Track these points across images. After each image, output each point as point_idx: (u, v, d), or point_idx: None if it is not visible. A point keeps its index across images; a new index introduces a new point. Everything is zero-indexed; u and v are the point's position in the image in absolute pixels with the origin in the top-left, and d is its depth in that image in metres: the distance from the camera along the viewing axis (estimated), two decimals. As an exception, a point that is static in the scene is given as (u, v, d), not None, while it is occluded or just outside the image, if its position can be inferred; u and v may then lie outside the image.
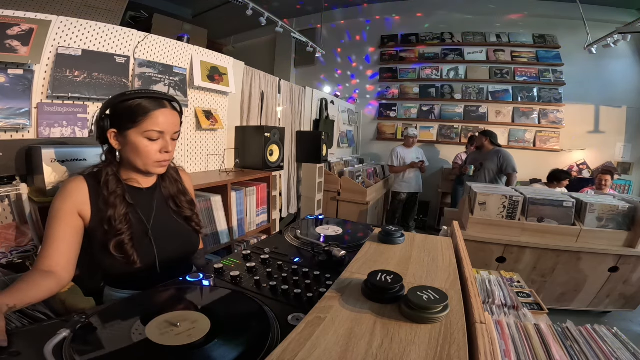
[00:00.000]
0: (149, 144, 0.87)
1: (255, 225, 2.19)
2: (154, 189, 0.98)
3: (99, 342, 0.54)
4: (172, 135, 0.91)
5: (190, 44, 2.09)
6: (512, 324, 0.73)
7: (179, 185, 1.04)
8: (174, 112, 0.91)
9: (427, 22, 4.94)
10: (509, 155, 3.30)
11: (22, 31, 1.32)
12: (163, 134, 0.88)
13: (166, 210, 0.99)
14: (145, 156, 0.88)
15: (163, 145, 0.89)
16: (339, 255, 0.86)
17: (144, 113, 0.85)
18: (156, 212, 0.95)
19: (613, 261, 2.14)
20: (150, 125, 0.85)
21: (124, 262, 0.85)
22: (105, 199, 0.85)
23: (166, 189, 1.00)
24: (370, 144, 5.42)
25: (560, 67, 4.34)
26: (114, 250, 0.83)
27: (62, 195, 0.84)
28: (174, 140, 0.92)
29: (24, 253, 1.15)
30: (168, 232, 0.96)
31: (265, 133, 2.26)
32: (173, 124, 0.90)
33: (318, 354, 0.40)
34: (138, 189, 0.94)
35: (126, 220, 0.86)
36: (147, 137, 0.86)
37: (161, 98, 0.89)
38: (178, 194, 1.02)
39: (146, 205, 0.94)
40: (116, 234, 0.84)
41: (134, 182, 0.94)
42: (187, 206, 1.02)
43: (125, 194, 0.89)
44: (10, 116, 1.29)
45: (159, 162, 0.90)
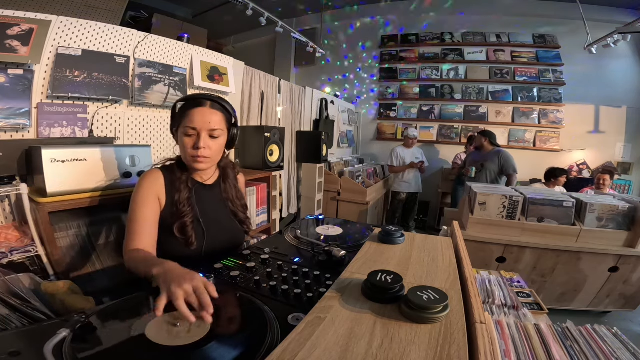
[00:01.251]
0: (187, 139, 0.96)
1: (255, 225, 2.19)
2: (214, 186, 1.09)
3: (99, 342, 0.54)
4: (210, 132, 0.96)
5: (190, 44, 2.09)
6: (512, 324, 0.73)
7: (237, 190, 1.14)
8: (214, 110, 0.97)
9: (427, 22, 4.94)
10: (509, 155, 3.30)
11: (22, 31, 1.32)
12: (196, 130, 0.95)
13: (223, 208, 1.09)
14: (183, 151, 0.98)
15: (196, 140, 0.95)
16: (339, 255, 0.86)
17: (184, 111, 0.96)
18: (212, 206, 1.05)
19: (613, 261, 2.13)
20: (186, 122, 0.95)
21: (182, 244, 0.95)
22: (177, 188, 0.98)
23: (226, 192, 1.10)
24: (370, 144, 5.42)
25: (560, 67, 4.34)
26: (177, 232, 0.94)
27: (144, 183, 0.96)
28: (214, 138, 0.98)
29: (24, 253, 1.15)
30: (220, 226, 1.05)
31: (265, 133, 2.26)
32: (207, 121, 0.95)
33: (318, 354, 0.40)
34: (201, 183, 1.05)
35: (189, 203, 0.98)
36: (184, 133, 0.95)
37: (202, 98, 0.97)
38: (235, 198, 1.11)
39: (205, 198, 1.04)
40: (180, 216, 0.95)
41: (197, 176, 1.05)
42: (241, 210, 1.13)
43: (188, 181, 1.00)
44: (10, 116, 1.29)
45: (193, 157, 0.96)
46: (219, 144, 1.00)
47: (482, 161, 3.40)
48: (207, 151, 0.97)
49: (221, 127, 0.99)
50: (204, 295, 0.61)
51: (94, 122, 1.59)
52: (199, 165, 0.98)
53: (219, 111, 0.99)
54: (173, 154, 1.11)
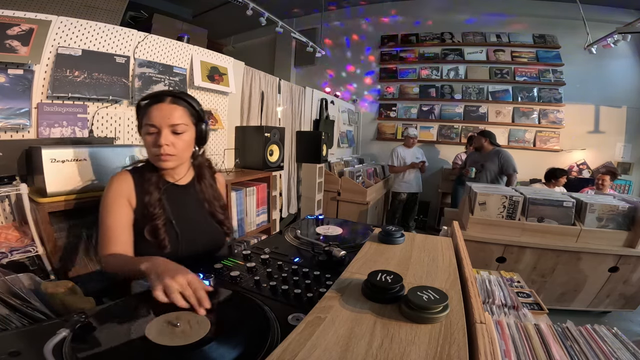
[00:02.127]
0: (148, 137, 0.92)
1: (255, 225, 2.19)
2: (189, 186, 1.04)
3: (99, 342, 0.54)
4: (172, 128, 0.92)
5: (190, 44, 2.09)
6: (512, 324, 0.73)
7: (214, 190, 1.09)
8: (175, 105, 0.93)
9: (427, 22, 4.94)
10: (509, 155, 3.29)
11: (22, 31, 1.32)
12: (156, 127, 0.90)
13: (200, 210, 1.04)
14: (147, 150, 0.94)
15: (156, 138, 0.91)
16: (339, 255, 0.86)
17: (144, 109, 0.93)
18: (188, 207, 1.01)
19: (613, 261, 2.13)
20: (146, 120, 0.91)
21: (155, 247, 0.91)
22: (147, 190, 0.94)
23: (202, 192, 1.05)
24: (370, 144, 5.42)
25: (560, 67, 4.34)
26: (148, 235, 0.91)
27: (112, 187, 0.93)
28: (177, 134, 0.93)
29: (24, 253, 1.15)
30: (196, 228, 1.01)
31: (265, 133, 2.26)
32: (167, 117, 0.91)
33: (318, 354, 0.40)
34: (173, 184, 1.01)
35: (160, 205, 0.94)
36: (146, 132, 0.92)
37: (161, 94, 0.93)
38: (212, 199, 1.07)
39: (179, 199, 1.00)
40: (152, 218, 0.91)
41: (168, 177, 1.01)
42: (219, 210, 1.08)
43: (159, 183, 0.96)
44: (10, 116, 1.29)
45: (157, 155, 0.92)
46: (184, 140, 0.95)
47: (482, 161, 3.39)
48: (171, 148, 0.92)
49: (184, 122, 0.94)
50: (200, 289, 0.62)
51: (94, 122, 1.59)
52: (165, 163, 0.94)
53: (181, 106, 0.94)
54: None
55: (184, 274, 0.63)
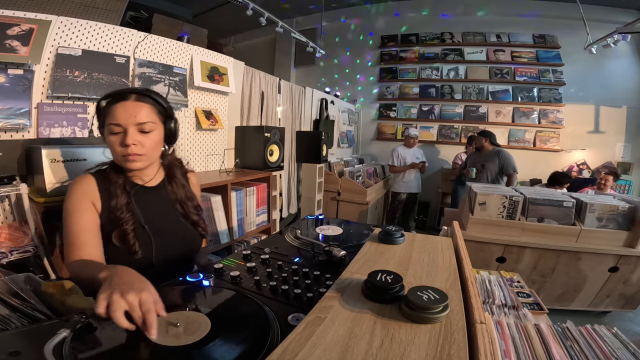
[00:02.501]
0: (112, 137, 0.87)
1: (255, 225, 2.19)
2: (159, 187, 1.00)
3: (99, 342, 0.54)
4: (139, 127, 0.87)
5: (190, 44, 2.09)
6: (512, 324, 0.73)
7: (186, 190, 1.04)
8: (140, 103, 0.88)
9: (428, 22, 4.94)
10: (509, 155, 3.30)
11: (22, 31, 1.32)
12: (121, 126, 0.85)
13: (172, 212, 1.00)
14: (112, 151, 0.88)
15: (122, 138, 0.86)
16: (339, 255, 0.86)
17: (107, 109, 0.87)
18: (159, 210, 0.97)
19: (613, 261, 2.13)
20: (109, 119, 0.86)
21: (125, 253, 0.86)
22: (109, 190, 0.89)
23: (173, 193, 1.01)
24: (370, 144, 5.42)
25: (560, 67, 4.34)
26: (117, 240, 0.86)
27: (75, 191, 0.88)
28: (145, 133, 0.88)
29: (24, 253, 1.15)
30: (170, 231, 0.97)
31: (265, 133, 2.26)
32: (132, 114, 0.86)
33: (318, 354, 0.40)
34: (142, 185, 0.96)
35: (128, 209, 0.89)
36: (110, 131, 0.86)
37: (125, 92, 0.88)
38: (185, 199, 1.02)
39: (149, 202, 0.95)
40: (119, 222, 0.87)
41: (136, 178, 0.96)
42: (193, 211, 1.03)
43: (125, 185, 0.91)
44: (10, 116, 1.29)
45: (123, 156, 0.87)
46: (151, 139, 0.90)
47: (483, 161, 3.40)
48: (139, 148, 0.87)
49: (151, 120, 0.89)
50: (150, 312, 0.53)
51: (94, 122, 1.59)
52: (133, 164, 0.88)
53: (147, 103, 0.89)
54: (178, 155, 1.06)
55: (137, 291, 0.55)
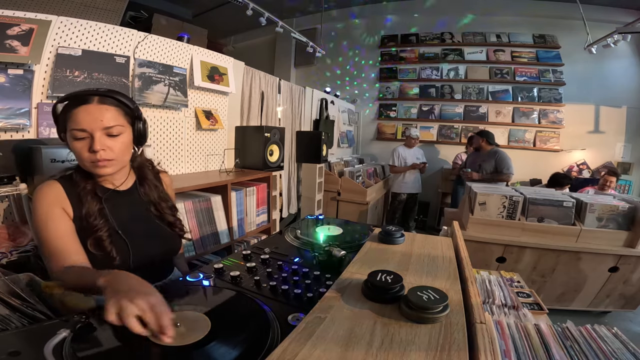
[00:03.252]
0: (78, 144, 0.80)
1: (255, 225, 2.19)
2: (132, 191, 0.95)
3: (99, 342, 0.54)
4: (107, 131, 0.81)
5: (190, 44, 2.09)
6: (512, 324, 0.73)
7: (159, 191, 1.00)
8: (104, 106, 0.82)
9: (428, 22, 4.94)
10: (505, 155, 3.34)
11: (22, 31, 1.32)
12: (87, 132, 0.79)
13: (147, 214, 0.96)
14: (79, 158, 0.82)
15: (90, 143, 0.80)
16: (339, 255, 0.86)
17: (67, 113, 0.81)
18: (133, 213, 0.93)
19: (613, 261, 2.13)
20: (72, 124, 0.79)
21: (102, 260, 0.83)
22: (78, 197, 0.84)
23: (146, 195, 0.97)
24: (370, 144, 5.42)
25: (560, 67, 4.34)
26: (92, 248, 0.82)
27: (42, 199, 0.81)
28: (113, 137, 0.83)
29: (24, 253, 1.15)
30: (146, 235, 0.93)
31: (265, 133, 2.26)
32: (97, 119, 0.79)
33: (318, 354, 0.40)
34: (115, 190, 0.91)
35: (101, 215, 0.85)
36: (74, 137, 0.80)
37: (86, 94, 0.81)
38: (159, 200, 0.99)
39: (121, 206, 0.91)
40: (93, 230, 0.82)
41: (107, 183, 0.91)
42: (168, 212, 1.00)
43: (95, 191, 0.87)
44: (10, 116, 1.29)
45: (92, 162, 0.81)
46: (121, 142, 0.84)
47: (480, 161, 3.42)
48: (108, 153, 0.82)
49: (119, 123, 0.83)
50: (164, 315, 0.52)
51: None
52: (103, 170, 0.83)
53: (112, 105, 0.83)
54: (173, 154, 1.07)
55: (145, 296, 0.54)
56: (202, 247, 1.73)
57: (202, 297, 0.71)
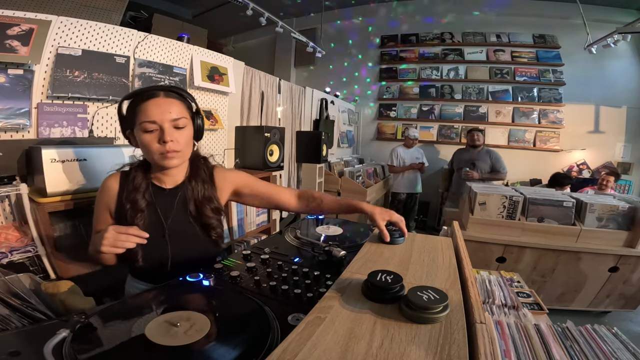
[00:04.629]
0: (148, 136, 0.84)
1: (255, 225, 2.19)
2: (177, 189, 0.95)
3: (99, 342, 0.54)
4: (174, 123, 0.85)
5: (190, 44, 2.09)
6: (512, 324, 0.73)
7: (206, 189, 0.97)
8: (170, 99, 0.87)
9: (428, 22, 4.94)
10: (499, 155, 3.43)
11: (22, 31, 1.32)
12: (157, 124, 0.84)
13: (184, 214, 0.94)
14: (148, 150, 0.86)
15: (160, 135, 0.84)
16: (339, 255, 0.86)
17: (137, 107, 0.85)
18: (174, 214, 0.93)
19: (613, 261, 2.13)
20: (142, 117, 0.84)
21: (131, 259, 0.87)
22: (127, 195, 0.89)
23: (191, 190, 0.95)
24: (370, 144, 5.41)
25: (560, 67, 4.34)
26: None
27: (99, 191, 0.93)
28: (179, 129, 0.87)
29: (24, 253, 1.15)
30: (184, 237, 0.94)
31: (265, 133, 2.26)
32: (166, 111, 0.84)
33: (318, 354, 0.40)
34: (161, 188, 0.94)
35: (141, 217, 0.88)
36: (144, 129, 0.84)
37: (153, 89, 0.87)
38: (202, 198, 0.95)
39: (166, 206, 0.93)
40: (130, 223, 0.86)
41: (158, 180, 0.94)
42: (209, 214, 0.96)
43: (145, 192, 0.91)
44: (10, 116, 1.29)
45: (161, 153, 0.85)
46: (185, 135, 0.88)
47: (474, 160, 3.45)
48: (176, 144, 0.85)
49: (184, 116, 0.88)
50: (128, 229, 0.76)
51: (94, 122, 1.59)
52: (171, 161, 0.87)
53: (177, 99, 0.88)
54: None
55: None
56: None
57: (202, 297, 0.71)
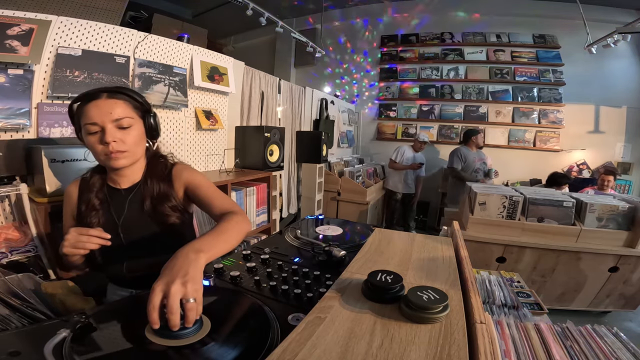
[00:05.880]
0: (91, 138, 0.84)
1: (255, 225, 2.19)
2: (132, 189, 0.93)
3: (99, 342, 0.54)
4: (117, 123, 0.84)
5: (190, 44, 2.09)
6: (512, 324, 0.73)
7: (162, 187, 0.93)
8: (113, 100, 0.85)
9: (427, 22, 4.94)
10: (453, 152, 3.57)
11: (22, 31, 1.32)
12: (98, 125, 0.82)
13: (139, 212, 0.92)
14: (94, 151, 0.86)
15: (101, 136, 0.83)
16: (339, 255, 0.86)
17: (80, 110, 0.85)
18: (127, 213, 0.91)
19: (613, 261, 2.13)
20: (85, 119, 0.83)
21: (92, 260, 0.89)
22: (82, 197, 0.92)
23: (147, 189, 0.92)
24: (370, 144, 5.41)
25: (560, 67, 4.33)
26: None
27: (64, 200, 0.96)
28: (124, 129, 0.85)
29: (24, 253, 1.15)
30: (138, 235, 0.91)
31: (265, 133, 2.26)
32: (108, 112, 0.83)
33: (318, 354, 0.40)
34: (115, 189, 0.93)
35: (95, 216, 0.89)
36: (87, 131, 0.83)
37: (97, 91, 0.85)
38: (158, 196, 0.92)
39: (119, 206, 0.91)
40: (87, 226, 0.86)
41: (112, 181, 0.94)
42: (167, 212, 0.92)
43: (99, 191, 0.92)
44: (10, 116, 1.29)
45: (106, 154, 0.84)
46: (132, 135, 0.87)
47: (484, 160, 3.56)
48: (120, 144, 0.84)
49: (129, 115, 0.86)
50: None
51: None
52: (117, 162, 0.85)
53: (120, 99, 0.86)
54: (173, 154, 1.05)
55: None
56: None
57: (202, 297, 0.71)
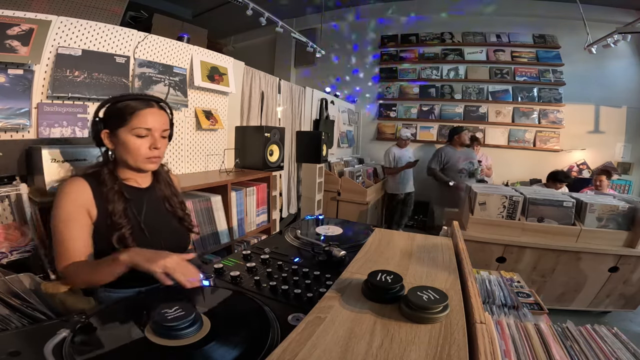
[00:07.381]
0: (138, 140, 0.91)
1: (255, 225, 2.19)
2: (150, 188, 1.03)
3: (99, 342, 0.54)
4: (162, 133, 0.95)
5: (190, 44, 2.09)
6: (512, 324, 0.73)
7: (171, 187, 1.09)
8: (162, 112, 0.97)
9: (427, 22, 4.94)
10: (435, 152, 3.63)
11: (22, 31, 1.32)
12: (151, 131, 0.92)
13: (161, 210, 1.04)
14: (136, 153, 0.92)
15: (152, 141, 0.93)
16: (339, 255, 0.86)
17: (132, 112, 0.91)
18: (150, 210, 0.99)
19: (613, 261, 2.13)
20: (138, 123, 0.90)
21: None
22: (105, 196, 0.90)
23: (161, 191, 1.05)
24: (370, 144, 5.41)
25: (560, 67, 4.33)
26: (116, 243, 0.87)
27: (67, 196, 0.87)
28: (164, 139, 0.97)
29: (24, 253, 1.15)
30: (161, 230, 1.00)
31: (265, 133, 2.26)
32: (160, 122, 0.94)
33: (318, 354, 0.40)
34: (135, 187, 0.99)
35: (125, 215, 0.91)
36: (136, 134, 0.91)
37: (149, 99, 0.95)
38: (171, 195, 1.07)
39: (141, 203, 0.98)
40: (117, 228, 0.88)
41: (131, 181, 0.99)
42: (179, 207, 1.08)
43: (122, 190, 0.93)
44: (10, 116, 1.29)
45: (149, 158, 0.94)
46: (165, 144, 0.99)
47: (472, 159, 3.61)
48: (161, 152, 0.96)
49: (168, 127, 0.99)
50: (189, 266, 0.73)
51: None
52: (154, 166, 0.97)
53: (165, 112, 0.99)
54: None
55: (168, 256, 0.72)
56: (202, 247, 1.73)
57: (202, 297, 0.71)
